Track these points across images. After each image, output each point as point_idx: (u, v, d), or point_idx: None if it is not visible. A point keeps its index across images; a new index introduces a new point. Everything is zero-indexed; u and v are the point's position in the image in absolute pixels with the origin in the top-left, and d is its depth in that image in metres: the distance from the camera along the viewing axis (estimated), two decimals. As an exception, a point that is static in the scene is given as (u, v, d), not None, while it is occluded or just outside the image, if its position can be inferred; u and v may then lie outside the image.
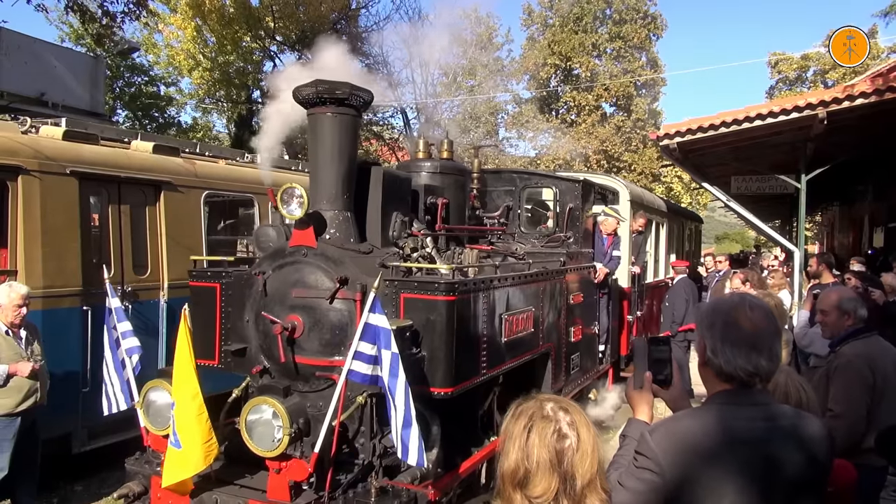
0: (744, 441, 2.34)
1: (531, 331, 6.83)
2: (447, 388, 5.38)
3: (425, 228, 6.73)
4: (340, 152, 5.93)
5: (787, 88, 37.25)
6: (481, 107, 36.06)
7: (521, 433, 2.10)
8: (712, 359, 2.44)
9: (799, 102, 11.01)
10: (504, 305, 6.30)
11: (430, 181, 7.19)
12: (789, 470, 2.34)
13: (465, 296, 5.57)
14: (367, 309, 4.79)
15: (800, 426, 2.42)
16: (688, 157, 13.41)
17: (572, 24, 36.00)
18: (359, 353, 4.81)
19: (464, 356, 5.59)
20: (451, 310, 5.36)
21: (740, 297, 2.54)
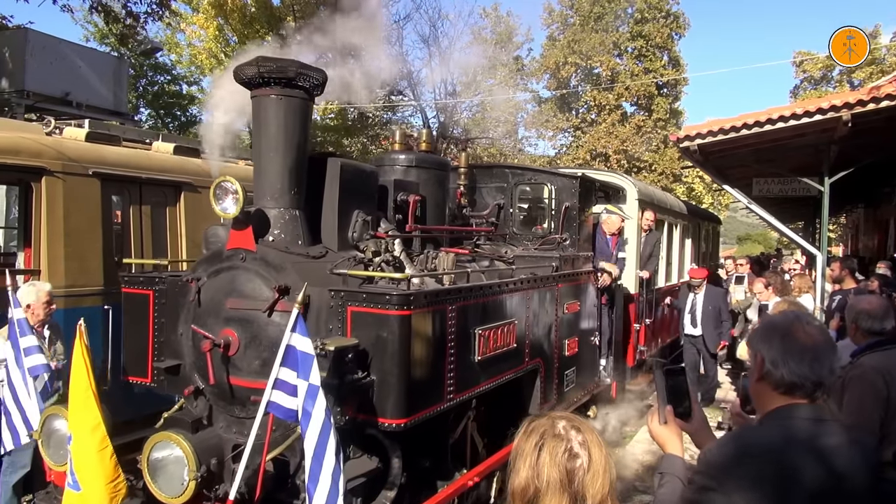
0: (809, 458, 2.24)
1: (513, 346, 5.83)
2: (399, 418, 4.42)
3: (394, 229, 5.77)
4: (287, 141, 4.99)
5: (812, 88, 35.72)
6: (501, 106, 35.05)
7: (532, 451, 2.01)
8: (772, 371, 2.35)
9: (822, 104, 10.48)
10: (478, 318, 5.31)
11: (403, 176, 6.23)
12: (858, 490, 2.27)
13: (425, 309, 4.59)
14: (289, 328, 3.84)
15: (860, 442, 2.37)
16: (708, 159, 12.96)
17: (593, 22, 34.78)
18: (280, 381, 3.86)
19: (422, 380, 4.63)
20: (404, 326, 4.39)
21: (795, 315, 2.50)
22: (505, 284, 5.72)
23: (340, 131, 31.29)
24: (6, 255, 8.93)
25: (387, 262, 5.34)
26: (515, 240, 7.58)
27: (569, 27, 35.36)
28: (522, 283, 6.02)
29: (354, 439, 4.90)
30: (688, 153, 12.17)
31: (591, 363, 7.76)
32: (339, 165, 5.30)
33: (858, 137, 11.40)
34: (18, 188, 7.25)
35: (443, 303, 4.81)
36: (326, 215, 5.34)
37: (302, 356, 3.81)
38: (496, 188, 7.69)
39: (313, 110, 5.28)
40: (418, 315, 4.51)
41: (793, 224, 25.63)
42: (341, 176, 5.29)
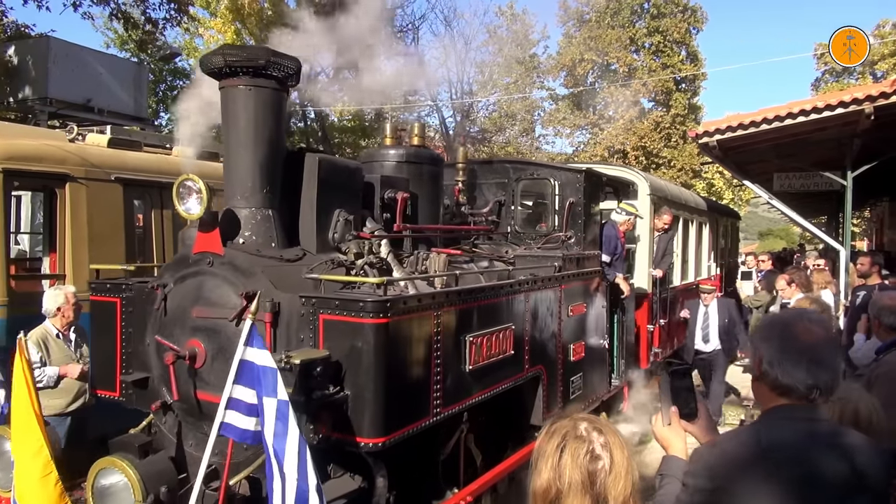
0: (798, 459, 2.19)
1: (511, 353, 5.34)
2: (377, 437, 3.96)
3: (381, 229, 5.31)
4: (258, 135, 4.56)
5: (834, 80, 34.75)
6: (517, 104, 34.51)
7: (554, 452, 1.98)
8: (768, 371, 2.29)
9: (844, 98, 10.20)
10: (469, 324, 4.84)
11: (392, 172, 5.76)
12: (843, 490, 2.16)
13: (405, 316, 4.13)
14: (242, 341, 3.38)
15: (849, 445, 2.23)
16: (728, 155, 12.59)
17: (609, 18, 34.02)
18: (234, 400, 3.41)
19: (404, 394, 4.17)
20: (381, 335, 3.93)
21: (798, 312, 2.48)
22: (499, 287, 5.24)
23: (357, 132, 30.97)
24: (32, 261, 9.07)
25: (371, 264, 4.89)
26: (518, 239, 7.09)
27: (585, 24, 34.65)
28: (520, 285, 5.53)
29: (335, 457, 4.46)
30: (707, 149, 11.85)
31: (600, 368, 7.25)
32: (317, 161, 4.84)
33: (881, 130, 10.97)
34: (43, 194, 7.38)
35: (426, 308, 4.34)
36: (304, 215, 4.89)
37: (262, 371, 3.36)
38: (497, 184, 7.20)
39: (287, 102, 4.83)
40: (397, 323, 4.05)
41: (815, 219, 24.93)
42: (320, 172, 4.84)
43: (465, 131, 31.86)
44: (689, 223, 12.01)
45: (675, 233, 10.58)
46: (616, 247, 7.80)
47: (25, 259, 9.32)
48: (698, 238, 12.76)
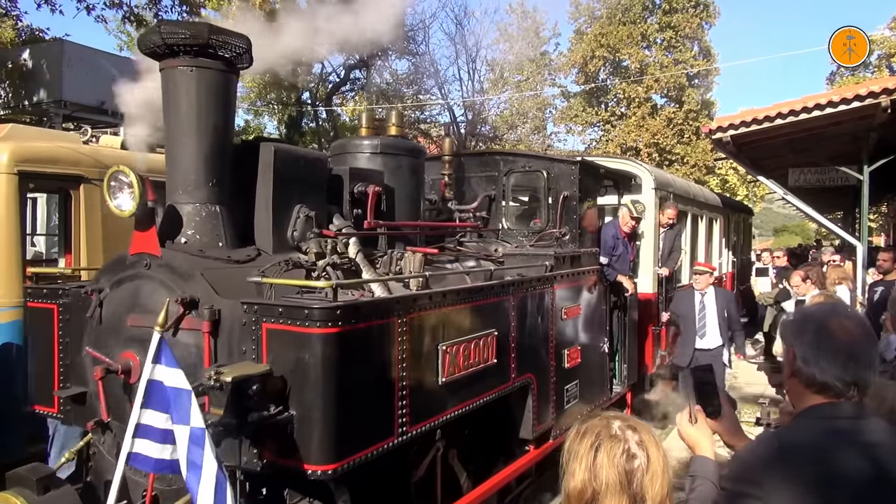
0: (850, 462, 2.01)
1: (494, 362, 4.76)
2: (327, 464, 3.40)
3: (351, 226, 4.75)
4: (202, 122, 4.02)
5: (850, 73, 33.65)
6: (529, 102, 33.89)
7: (588, 452, 1.91)
8: (803, 368, 2.14)
9: (860, 91, 9.80)
10: (443, 332, 4.26)
11: (365, 163, 5.20)
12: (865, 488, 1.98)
13: (361, 324, 3.55)
14: (149, 359, 2.83)
15: (872, 441, 2.06)
16: (742, 150, 12.25)
17: (620, 15, 33.22)
18: (144, 427, 2.85)
19: (360, 413, 3.60)
20: (330, 347, 3.37)
21: (832, 307, 2.33)
22: (479, 289, 4.65)
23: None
24: (48, 262, 8.86)
25: (334, 265, 4.33)
26: (509, 236, 6.49)
27: (596, 20, 33.91)
28: (505, 287, 4.94)
29: (290, 482, 3.90)
30: (720, 144, 11.48)
31: (598, 374, 6.64)
32: (273, 151, 4.29)
33: (899, 123, 10.55)
34: (58, 196, 7.25)
35: (387, 315, 3.76)
36: (259, 211, 4.35)
37: (174, 393, 2.82)
38: (486, 178, 6.61)
39: (237, 86, 4.28)
40: (351, 332, 3.48)
41: (831, 214, 24.15)
42: (276, 163, 4.30)
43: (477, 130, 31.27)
44: (699, 219, 11.33)
45: (683, 229, 9.93)
46: (615, 247, 7.18)
47: (41, 260, 9.11)
48: (708, 234, 12.07)
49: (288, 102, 31.74)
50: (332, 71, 32.48)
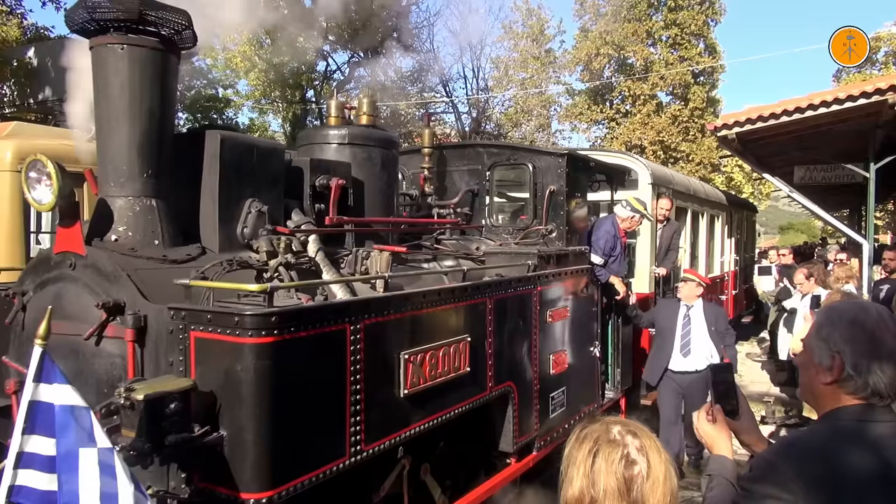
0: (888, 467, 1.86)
1: (467, 370, 4.29)
2: (261, 491, 2.95)
3: (311, 222, 4.29)
4: (135, 106, 3.56)
5: (857, 70, 32.92)
6: (533, 100, 33.38)
7: (586, 458, 1.83)
8: (854, 376, 1.97)
9: (867, 88, 9.61)
10: (406, 339, 3.80)
11: (333, 155, 4.74)
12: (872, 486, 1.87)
13: (303, 332, 3.09)
14: (31, 378, 2.37)
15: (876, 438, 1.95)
16: (747, 148, 12.03)
17: (625, 12, 32.54)
18: (29, 456, 2.40)
19: (303, 433, 3.14)
20: (264, 358, 2.92)
21: (877, 310, 2.06)
22: (448, 291, 4.18)
23: (373, 129, 29.98)
24: None
25: (288, 265, 3.87)
26: (493, 233, 6.02)
27: (601, 17, 33.26)
28: (480, 289, 4.47)
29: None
30: (726, 142, 11.26)
31: (588, 379, 6.16)
32: (220, 140, 3.84)
33: (906, 121, 10.31)
34: None
35: (337, 321, 3.30)
36: (205, 206, 3.90)
37: (66, 414, 2.37)
38: (469, 171, 6.14)
39: (178, 67, 3.82)
40: (290, 341, 3.02)
41: (837, 212, 23.62)
42: (223, 153, 3.85)
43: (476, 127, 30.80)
44: (700, 216, 10.80)
45: (683, 226, 9.42)
46: (614, 247, 6.59)
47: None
48: (709, 232, 11.52)
49: (292, 100, 31.36)
50: (336, 69, 32.14)
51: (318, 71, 31.64)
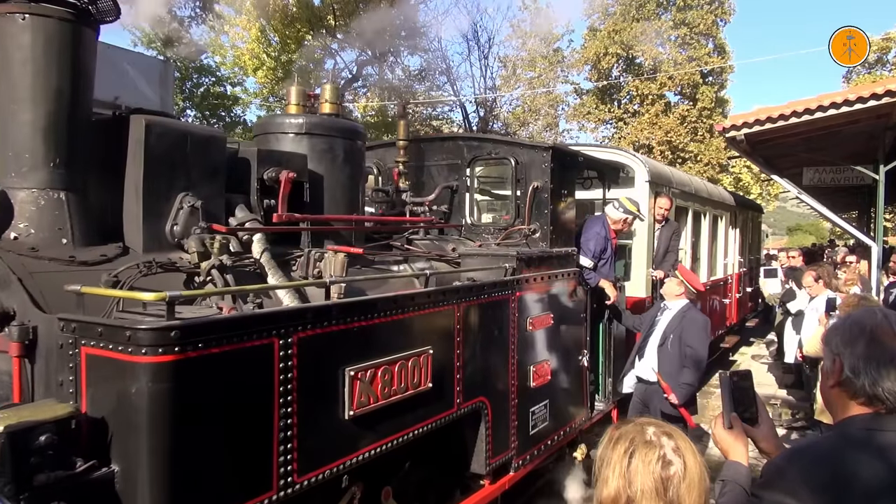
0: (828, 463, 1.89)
1: (429, 386, 3.77)
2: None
3: (257, 219, 3.79)
4: (39, 85, 3.06)
5: (867, 72, 32.12)
6: (541, 99, 32.79)
7: (622, 458, 1.80)
8: (852, 379, 1.96)
9: (877, 89, 9.25)
10: (352, 352, 3.28)
11: (288, 145, 4.23)
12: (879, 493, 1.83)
13: (213, 349, 2.58)
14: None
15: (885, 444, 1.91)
16: (756, 149, 11.60)
17: (634, 11, 31.89)
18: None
19: (214, 466, 2.63)
20: (163, 381, 2.42)
21: (883, 314, 2.05)
22: (408, 298, 3.65)
23: (381, 128, 29.66)
24: None
25: (222, 267, 3.36)
26: (473, 232, 5.49)
27: (610, 17, 32.61)
28: (445, 295, 3.94)
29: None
30: (734, 143, 10.88)
31: (575, 391, 5.62)
32: (145, 126, 3.33)
33: (917, 123, 10.06)
34: None
35: (262, 334, 2.79)
36: (128, 200, 3.39)
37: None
38: (448, 166, 5.61)
39: (96, 43, 3.32)
40: (196, 360, 2.51)
41: (846, 214, 22.98)
42: (149, 141, 3.34)
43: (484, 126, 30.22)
44: (702, 216, 10.21)
45: (683, 227, 8.84)
46: (605, 249, 6.03)
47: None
48: (712, 233, 10.91)
49: (300, 99, 30.96)
50: (343, 67, 31.75)
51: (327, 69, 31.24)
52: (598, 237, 5.96)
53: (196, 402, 2.54)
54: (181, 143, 3.48)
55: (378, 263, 4.58)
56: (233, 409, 2.70)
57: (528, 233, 5.16)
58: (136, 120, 3.35)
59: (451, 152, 5.58)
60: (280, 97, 32.10)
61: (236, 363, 2.69)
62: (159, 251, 3.37)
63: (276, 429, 2.87)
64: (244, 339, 2.71)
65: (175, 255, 3.42)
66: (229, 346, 2.65)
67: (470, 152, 5.48)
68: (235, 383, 2.70)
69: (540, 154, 5.21)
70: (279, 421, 2.88)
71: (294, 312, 2.98)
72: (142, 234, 3.34)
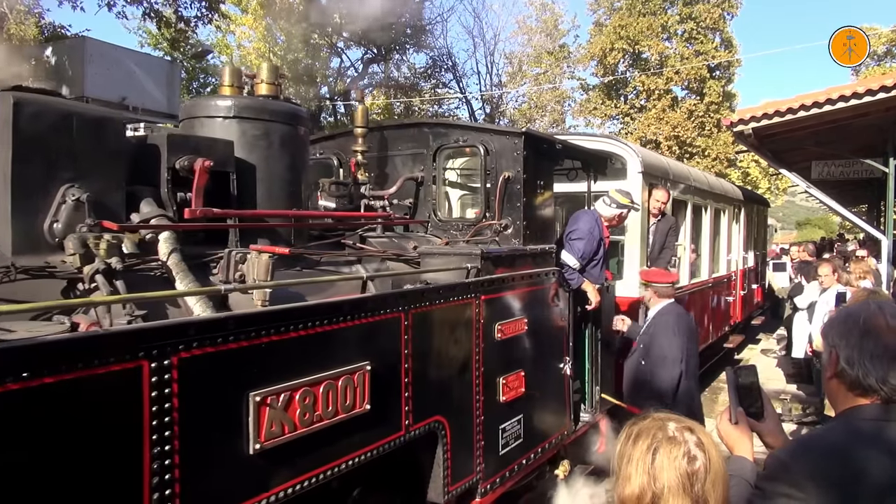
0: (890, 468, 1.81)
1: (367, 408, 3.15)
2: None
3: (168, 216, 3.18)
4: None
5: (876, 64, 31.14)
6: (547, 95, 32.09)
7: (645, 455, 1.75)
8: (847, 370, 1.96)
9: (886, 82, 9.10)
10: (258, 374, 2.66)
11: (217, 131, 3.62)
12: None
13: (44, 380, 1.97)
14: None
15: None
16: (764, 143, 11.46)
17: (640, 6, 31.08)
18: None
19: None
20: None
21: (878, 305, 2.07)
22: (333, 307, 3.03)
23: (386, 126, 29.08)
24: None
25: (110, 271, 2.76)
26: (441, 228, 4.86)
27: (615, 12, 31.83)
28: (387, 302, 3.32)
29: None
30: (742, 137, 10.74)
31: (555, 403, 4.99)
32: (13, 104, 2.73)
33: (927, 115, 9.95)
34: None
35: (125, 356, 2.18)
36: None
37: None
38: (413, 156, 4.97)
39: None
40: (17, 395, 1.91)
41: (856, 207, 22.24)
42: (19, 122, 2.74)
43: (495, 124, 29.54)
44: (703, 209, 9.48)
45: (683, 221, 8.16)
46: (597, 250, 5.36)
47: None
48: (714, 227, 10.16)
49: (306, 97, 30.47)
50: (349, 65, 31.26)
51: (332, 67, 30.77)
52: (590, 237, 5.29)
53: (20, 447, 1.94)
54: (63, 125, 2.88)
55: (325, 265, 3.97)
56: (79, 451, 2.09)
57: (498, 228, 4.52)
58: (2, 97, 2.74)
59: (416, 140, 4.94)
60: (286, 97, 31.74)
61: (82, 395, 2.09)
62: (33, 253, 2.78)
63: (146, 472, 2.26)
64: (94, 363, 2.10)
65: (56, 258, 2.82)
66: (70, 374, 2.04)
67: (436, 140, 4.85)
68: (81, 422, 2.10)
69: (511, 141, 4.56)
70: (151, 463, 2.27)
71: (171, 328, 2.37)
72: (10, 232, 2.74)
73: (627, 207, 5.58)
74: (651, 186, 6.98)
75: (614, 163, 6.13)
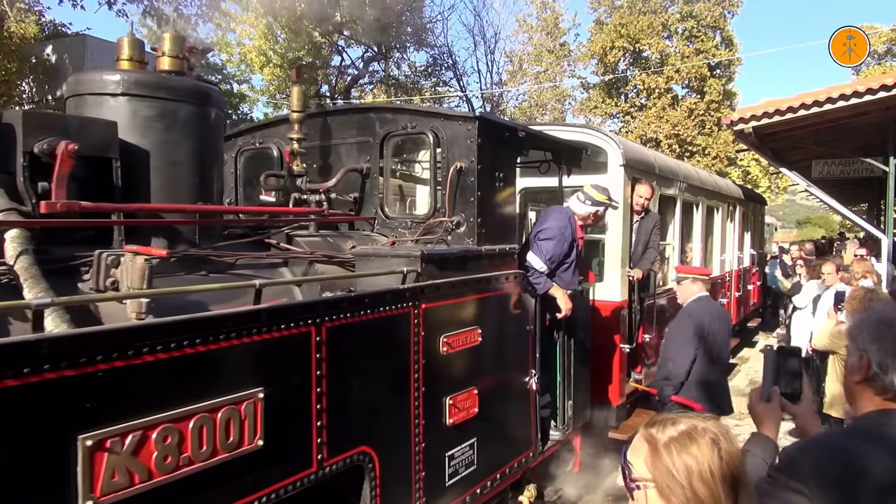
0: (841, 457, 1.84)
1: (259, 445, 2.52)
2: None
3: (18, 210, 2.56)
4: None
5: (876, 63, 30.30)
6: (547, 93, 31.41)
7: (712, 455, 1.52)
8: (880, 375, 1.90)
9: (886, 81, 9.01)
10: (94, 411, 2.03)
11: (107, 111, 3.00)
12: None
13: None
14: None
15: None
16: (764, 142, 11.33)
17: (641, 4, 30.35)
18: None
19: None
20: None
21: None
22: (213, 322, 2.40)
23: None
24: None
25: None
26: (388, 226, 4.21)
27: (616, 10, 31.13)
28: (292, 314, 2.69)
29: None
30: (742, 136, 10.64)
31: (518, 422, 4.34)
32: None
33: (927, 113, 9.82)
34: None
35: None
36: None
37: None
38: (358, 145, 4.33)
39: None
40: None
41: (856, 206, 21.64)
42: None
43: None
44: (694, 207, 8.78)
45: (670, 220, 7.49)
46: (568, 252, 4.69)
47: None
48: (706, 226, 9.44)
49: (307, 95, 29.93)
50: (350, 63, 30.70)
51: (333, 66, 30.22)
52: (560, 237, 4.62)
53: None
54: None
55: (242, 268, 3.34)
56: None
57: (449, 226, 3.87)
58: None
59: (362, 128, 4.29)
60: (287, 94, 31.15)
61: None
62: None
63: None
64: None
65: None
66: None
67: (383, 127, 4.19)
68: None
69: (465, 127, 3.90)
70: None
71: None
72: None
73: (604, 205, 4.90)
74: (634, 181, 6.30)
75: (590, 154, 5.43)
